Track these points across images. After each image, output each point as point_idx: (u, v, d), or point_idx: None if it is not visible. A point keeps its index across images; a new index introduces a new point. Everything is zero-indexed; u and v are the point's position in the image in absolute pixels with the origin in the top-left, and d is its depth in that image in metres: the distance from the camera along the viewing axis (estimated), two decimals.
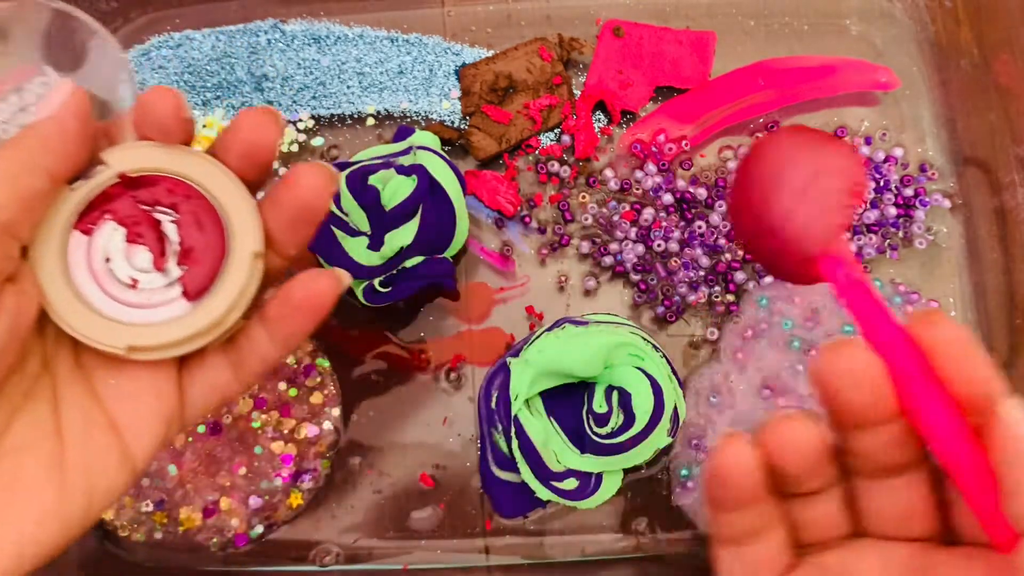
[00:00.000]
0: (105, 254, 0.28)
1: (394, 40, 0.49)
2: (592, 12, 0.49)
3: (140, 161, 0.28)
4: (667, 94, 0.49)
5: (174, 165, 0.28)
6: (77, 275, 0.28)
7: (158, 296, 0.28)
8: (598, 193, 0.47)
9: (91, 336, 0.27)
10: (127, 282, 0.28)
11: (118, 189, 0.28)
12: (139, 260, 0.29)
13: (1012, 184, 0.46)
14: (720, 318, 0.46)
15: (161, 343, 0.28)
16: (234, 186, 0.29)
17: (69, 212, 0.28)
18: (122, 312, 0.28)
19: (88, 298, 0.28)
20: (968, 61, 0.48)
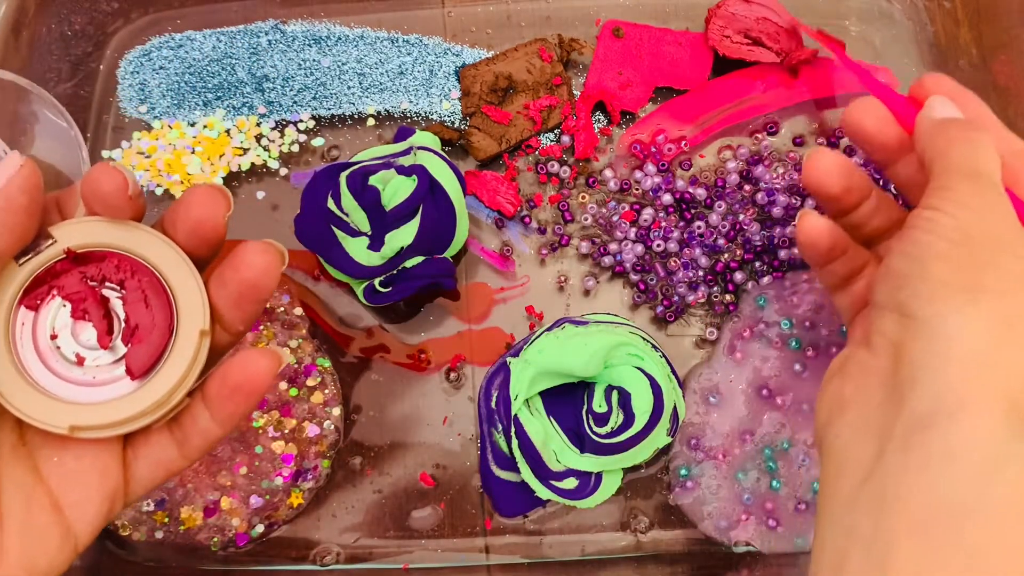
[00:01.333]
0: (51, 330, 0.28)
1: (394, 41, 0.49)
2: (592, 13, 0.49)
3: (88, 236, 0.28)
4: (666, 94, 0.49)
5: (122, 241, 0.28)
6: (22, 351, 0.28)
7: (103, 373, 0.28)
8: (598, 193, 0.48)
9: (33, 415, 0.27)
10: (72, 359, 0.28)
11: (65, 264, 0.28)
12: (86, 337, 0.28)
13: None
14: (719, 318, 0.46)
15: (104, 423, 0.28)
16: (182, 262, 0.28)
17: (15, 287, 0.27)
18: (66, 390, 0.28)
19: (32, 375, 0.28)
20: (967, 62, 0.48)
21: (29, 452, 0.28)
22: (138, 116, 0.48)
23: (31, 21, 0.46)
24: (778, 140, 0.48)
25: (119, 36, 0.50)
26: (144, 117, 0.48)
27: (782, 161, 0.48)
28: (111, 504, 0.29)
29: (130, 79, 0.49)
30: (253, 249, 0.29)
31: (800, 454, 0.44)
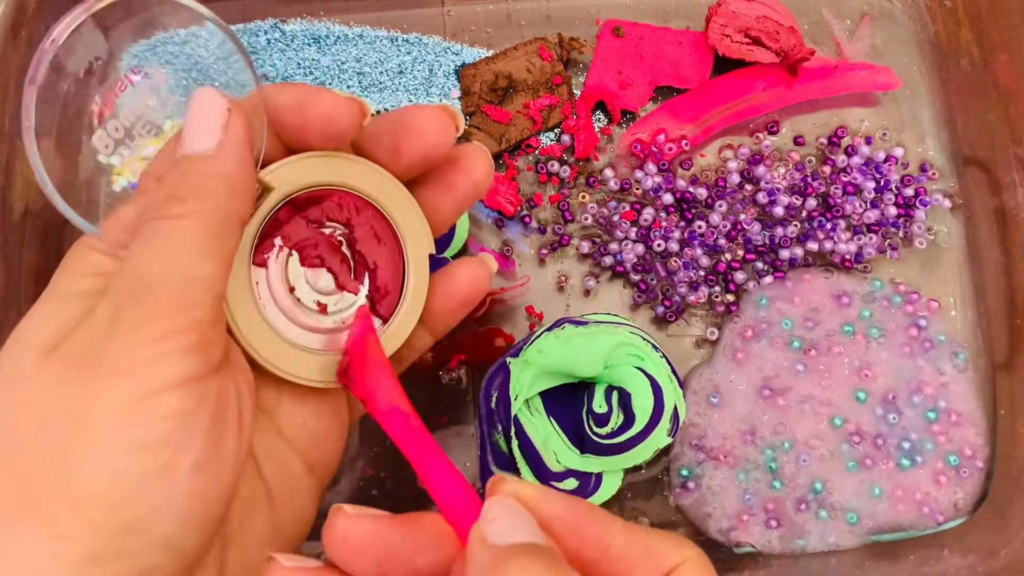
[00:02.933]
0: (288, 284, 0.26)
1: (394, 40, 0.49)
2: (592, 12, 0.49)
3: (302, 178, 0.26)
4: (667, 94, 0.48)
5: (337, 176, 0.26)
6: (269, 315, 0.26)
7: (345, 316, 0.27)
8: (598, 193, 0.47)
9: (311, 377, 0.26)
10: (314, 308, 0.27)
11: (286, 211, 0.26)
12: (324, 283, 0.27)
13: (1012, 184, 0.46)
14: (720, 318, 0.46)
15: None
16: (397, 188, 0.27)
17: (246, 248, 0.26)
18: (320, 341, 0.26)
19: (285, 335, 0.26)
20: (968, 61, 0.48)
21: (270, 418, 0.27)
22: None
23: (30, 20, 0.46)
24: (779, 139, 0.48)
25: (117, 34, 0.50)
26: None
27: (783, 161, 0.47)
28: (345, 440, 0.28)
29: None
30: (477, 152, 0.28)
31: (801, 454, 0.44)
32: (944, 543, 0.44)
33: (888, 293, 0.46)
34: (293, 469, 0.26)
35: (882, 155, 0.47)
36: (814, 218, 0.46)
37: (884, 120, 0.48)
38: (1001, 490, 0.44)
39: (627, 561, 0.21)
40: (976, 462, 0.44)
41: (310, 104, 0.25)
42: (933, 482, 0.44)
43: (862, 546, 0.44)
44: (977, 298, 0.47)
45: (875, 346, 0.45)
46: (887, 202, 0.47)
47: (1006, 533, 0.43)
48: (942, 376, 0.45)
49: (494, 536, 0.21)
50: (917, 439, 0.44)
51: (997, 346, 0.46)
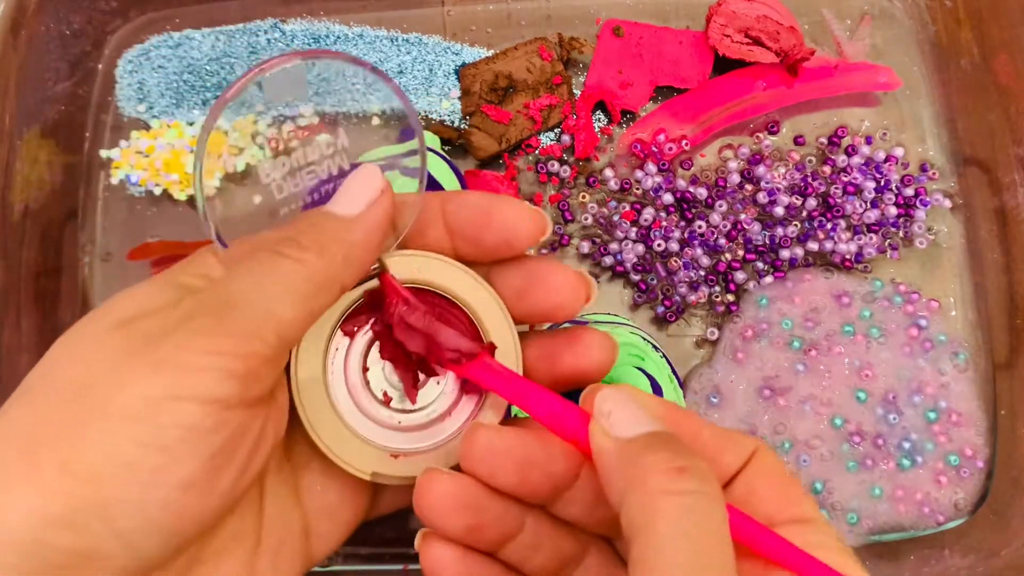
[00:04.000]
0: (364, 363, 0.26)
1: (394, 40, 0.49)
2: (592, 12, 0.49)
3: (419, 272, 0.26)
4: (667, 94, 0.48)
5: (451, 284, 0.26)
6: (332, 380, 0.26)
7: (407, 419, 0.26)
8: (598, 193, 0.47)
9: (340, 456, 0.25)
10: (380, 397, 0.26)
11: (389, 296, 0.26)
12: (397, 377, 0.26)
13: (1012, 184, 0.46)
14: (720, 318, 0.46)
15: (405, 475, 0.26)
16: (502, 314, 0.27)
17: (339, 311, 0.26)
18: (373, 433, 0.26)
19: (341, 410, 0.26)
20: (968, 61, 0.48)
21: (292, 471, 0.27)
22: (137, 115, 0.48)
23: (29, 20, 0.46)
24: (779, 139, 0.48)
25: (118, 35, 0.50)
26: (143, 116, 0.48)
27: (783, 160, 0.47)
28: (349, 533, 0.28)
29: (128, 78, 0.49)
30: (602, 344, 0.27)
31: (801, 454, 0.44)
32: (945, 543, 0.44)
33: (888, 293, 0.46)
34: (292, 527, 0.26)
35: (882, 155, 0.47)
36: (814, 218, 0.46)
37: (884, 120, 0.48)
38: (1001, 490, 0.44)
39: (715, 448, 0.24)
40: (976, 462, 0.44)
41: (497, 208, 0.26)
42: (933, 482, 0.44)
43: (863, 546, 0.44)
44: (977, 298, 0.47)
45: (875, 346, 0.45)
46: (887, 202, 0.47)
47: (1006, 533, 0.43)
48: (942, 376, 0.45)
49: (617, 429, 0.22)
50: (917, 439, 0.44)
51: (997, 346, 0.46)
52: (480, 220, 0.26)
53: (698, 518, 0.19)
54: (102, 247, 0.47)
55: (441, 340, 0.26)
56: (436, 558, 0.25)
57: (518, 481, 0.24)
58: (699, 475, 0.20)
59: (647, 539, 0.19)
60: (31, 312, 0.44)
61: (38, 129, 0.45)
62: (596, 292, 0.27)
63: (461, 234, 0.27)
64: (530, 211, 0.26)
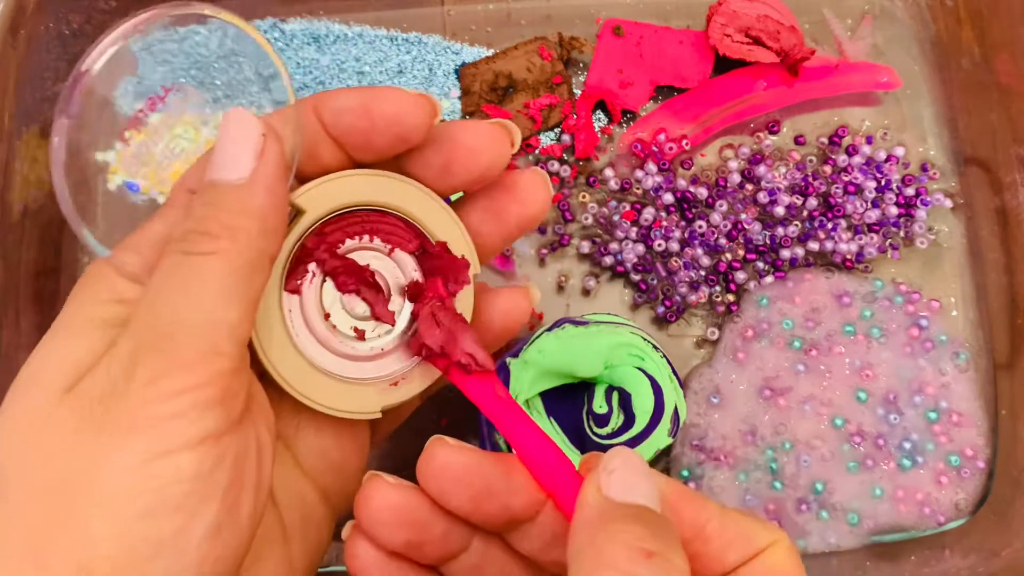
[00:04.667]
0: (324, 310, 0.25)
1: (393, 39, 0.49)
2: (592, 11, 0.49)
3: (338, 198, 0.24)
4: (667, 93, 0.48)
5: (378, 196, 0.25)
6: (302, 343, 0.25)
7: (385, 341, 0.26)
8: (598, 193, 0.47)
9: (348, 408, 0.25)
10: (351, 335, 0.26)
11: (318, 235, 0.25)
12: (360, 308, 0.26)
13: (1013, 184, 0.46)
14: (720, 318, 0.46)
15: (408, 394, 0.25)
16: (439, 207, 0.26)
17: (277, 275, 0.24)
18: (361, 370, 0.25)
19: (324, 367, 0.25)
20: (969, 60, 0.48)
21: (285, 446, 0.26)
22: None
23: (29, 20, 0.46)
24: (780, 139, 0.48)
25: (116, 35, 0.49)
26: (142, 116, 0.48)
27: (784, 160, 0.47)
28: (364, 470, 0.26)
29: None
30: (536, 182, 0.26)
31: (802, 455, 0.44)
32: (945, 544, 0.44)
33: (889, 293, 0.46)
34: (308, 499, 0.25)
35: (883, 155, 0.47)
36: (815, 218, 0.46)
37: (885, 119, 0.48)
38: (1002, 490, 0.44)
39: (720, 541, 0.22)
40: (977, 462, 0.44)
41: (376, 104, 0.24)
42: (934, 482, 0.44)
43: (863, 547, 0.44)
44: (978, 298, 0.47)
45: (876, 346, 0.45)
46: (888, 202, 0.46)
47: (1007, 533, 0.43)
48: (943, 376, 0.45)
49: (610, 489, 0.20)
50: (918, 439, 0.44)
51: (998, 346, 0.46)
52: (363, 124, 0.23)
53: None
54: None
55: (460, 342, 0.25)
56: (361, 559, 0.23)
57: (472, 507, 0.22)
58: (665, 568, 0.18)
59: None
60: (30, 312, 0.44)
61: (37, 129, 0.45)
62: (518, 136, 0.26)
63: (351, 144, 0.24)
64: (412, 96, 0.23)
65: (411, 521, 0.23)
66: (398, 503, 0.23)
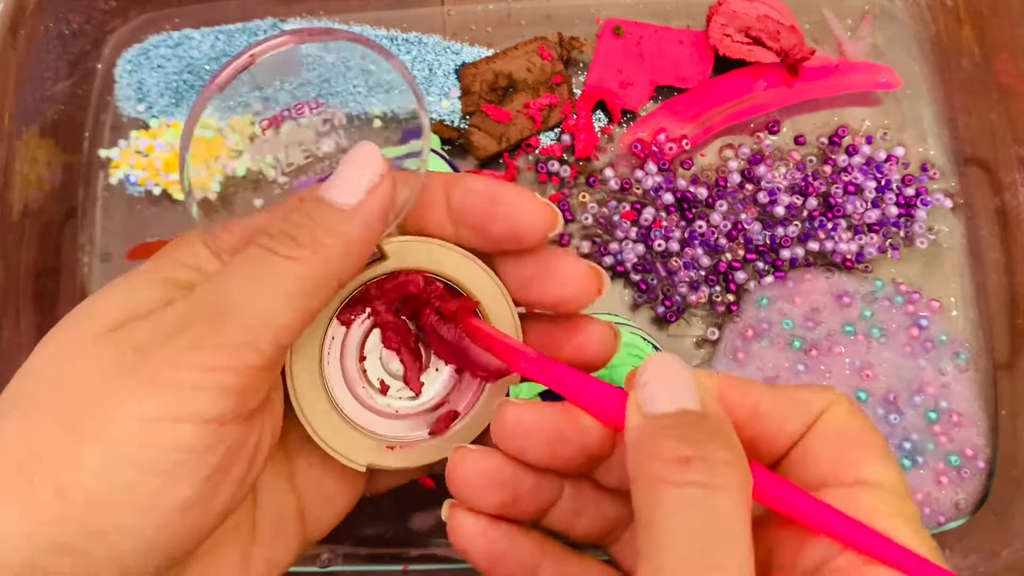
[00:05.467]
0: (361, 352, 0.26)
1: (393, 39, 0.49)
2: (592, 11, 0.49)
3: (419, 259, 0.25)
4: (667, 93, 0.48)
5: (451, 270, 0.25)
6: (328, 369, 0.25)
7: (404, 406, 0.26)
8: (598, 193, 0.47)
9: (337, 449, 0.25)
10: (377, 386, 0.26)
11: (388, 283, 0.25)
12: (395, 365, 0.26)
13: (1013, 184, 0.46)
14: (720, 318, 0.46)
15: (399, 467, 0.26)
16: (504, 301, 0.26)
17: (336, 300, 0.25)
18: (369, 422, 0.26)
19: (337, 400, 0.25)
20: (969, 60, 0.48)
21: (287, 458, 0.26)
22: (136, 115, 0.48)
23: (29, 20, 0.46)
24: (780, 139, 0.48)
25: (117, 35, 0.49)
26: (142, 116, 0.48)
27: (784, 160, 0.47)
28: (344, 515, 0.28)
29: (128, 78, 0.49)
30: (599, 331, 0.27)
31: None
32: (945, 543, 0.44)
33: (889, 293, 0.46)
34: (286, 513, 0.26)
35: (883, 155, 0.47)
36: (815, 218, 0.46)
37: (885, 119, 0.48)
38: (1002, 490, 0.44)
39: (776, 416, 0.22)
40: (977, 462, 0.44)
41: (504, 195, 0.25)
42: (934, 482, 0.44)
43: None
44: (978, 298, 0.47)
45: (876, 346, 0.45)
46: (888, 202, 0.46)
47: (1007, 533, 0.43)
48: (943, 376, 0.45)
49: (650, 403, 0.20)
50: (918, 439, 0.44)
51: (998, 346, 0.46)
52: (485, 209, 0.25)
53: (700, 512, 0.18)
54: (101, 247, 0.47)
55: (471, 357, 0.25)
56: (464, 529, 0.24)
57: (550, 455, 0.23)
58: (706, 466, 0.19)
59: (648, 532, 0.18)
60: (30, 311, 0.44)
61: (37, 129, 0.45)
62: (608, 286, 0.26)
63: (465, 222, 0.25)
64: (539, 204, 0.25)
65: (501, 481, 0.23)
66: (485, 467, 0.23)
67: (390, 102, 0.48)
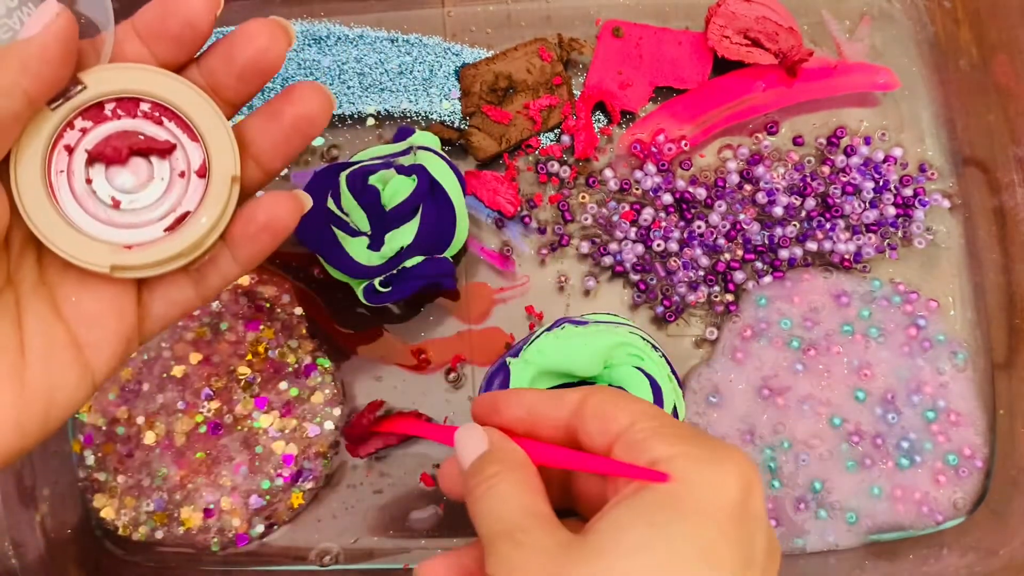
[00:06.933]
0: (86, 175, 0.29)
1: (394, 40, 0.49)
2: (592, 12, 0.49)
3: (118, 83, 0.28)
4: (667, 94, 0.49)
5: (151, 87, 0.29)
6: (60, 195, 0.28)
7: (139, 216, 0.29)
8: (598, 193, 0.48)
9: (75, 255, 0.28)
10: (108, 202, 0.29)
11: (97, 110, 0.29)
12: (120, 181, 0.29)
13: (1011, 184, 0.46)
14: (719, 318, 0.46)
15: (142, 263, 0.28)
16: (210, 108, 0.29)
17: (48, 132, 0.28)
18: (104, 231, 0.29)
19: (71, 217, 0.28)
20: (967, 61, 0.48)
21: (49, 291, 0.29)
22: None
23: None
24: (778, 140, 0.48)
25: None
26: None
27: (782, 161, 0.48)
28: (127, 344, 0.30)
29: None
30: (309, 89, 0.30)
31: (800, 454, 0.44)
32: (943, 542, 0.44)
33: (887, 293, 0.46)
34: (57, 338, 0.28)
35: (881, 155, 0.47)
36: (813, 218, 0.46)
37: (883, 120, 0.49)
38: (1000, 489, 0.44)
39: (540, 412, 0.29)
40: (975, 461, 0.44)
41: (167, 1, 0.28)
42: (932, 481, 0.44)
43: (861, 545, 0.44)
44: (976, 298, 0.47)
45: (874, 346, 0.45)
46: (886, 202, 0.47)
47: (1005, 532, 0.43)
48: (941, 376, 0.45)
49: (463, 461, 0.28)
50: (916, 439, 0.44)
51: (996, 346, 0.46)
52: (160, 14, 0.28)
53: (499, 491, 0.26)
54: None
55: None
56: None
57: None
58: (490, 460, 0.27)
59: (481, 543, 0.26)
60: None
61: None
62: (293, 34, 0.29)
63: (150, 34, 0.28)
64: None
65: None
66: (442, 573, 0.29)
67: (383, 101, 0.48)
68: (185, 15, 0.28)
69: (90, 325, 0.29)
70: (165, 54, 0.29)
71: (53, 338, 0.28)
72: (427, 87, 0.48)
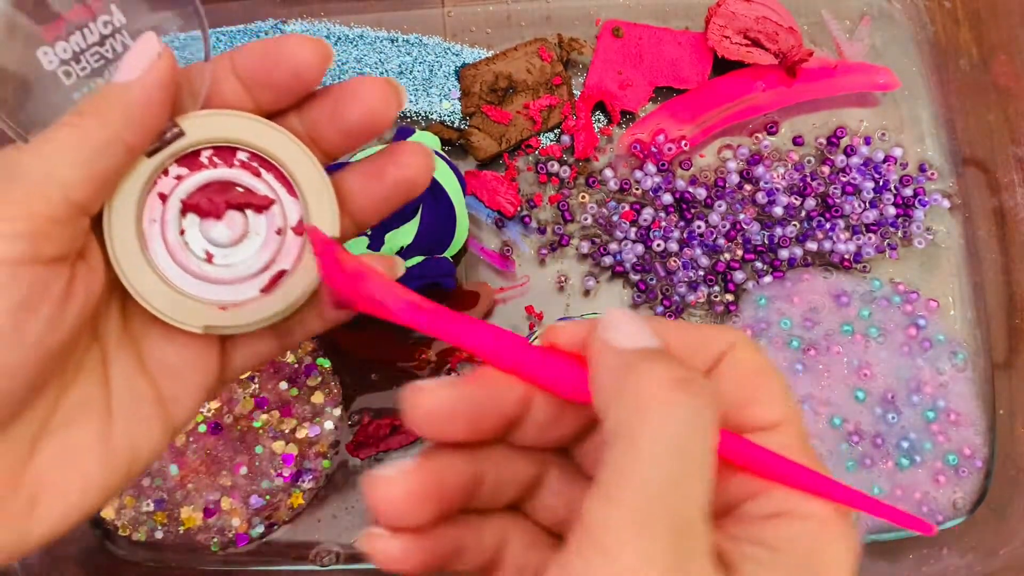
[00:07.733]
0: (180, 226, 0.27)
1: (394, 40, 0.49)
2: (592, 12, 0.49)
3: (216, 130, 0.27)
4: (666, 94, 0.49)
5: (250, 136, 0.27)
6: (152, 245, 0.27)
7: (233, 272, 0.28)
8: (598, 193, 0.48)
9: (168, 314, 0.27)
10: (202, 256, 0.28)
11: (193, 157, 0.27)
12: (216, 234, 0.28)
13: (1011, 184, 0.46)
14: (719, 318, 0.46)
15: (236, 324, 0.27)
16: (311, 163, 0.28)
17: (144, 179, 0.26)
18: (198, 288, 0.27)
19: (163, 271, 0.27)
20: (967, 61, 0.48)
21: (133, 342, 0.28)
22: None
23: None
24: (778, 140, 0.48)
25: None
26: None
27: (782, 161, 0.48)
28: (207, 394, 0.29)
29: None
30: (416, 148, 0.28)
31: None
32: (943, 542, 0.44)
33: (887, 293, 0.46)
34: (142, 393, 0.28)
35: (881, 155, 0.47)
36: (813, 218, 0.46)
37: (883, 120, 0.49)
38: (1000, 489, 0.44)
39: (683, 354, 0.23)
40: (975, 461, 0.44)
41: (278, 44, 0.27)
42: (932, 481, 0.44)
43: (861, 545, 0.44)
44: (976, 298, 0.47)
45: (874, 346, 0.45)
46: (886, 202, 0.47)
47: (1005, 532, 0.43)
48: (941, 376, 0.45)
49: (620, 340, 0.21)
50: (916, 439, 0.44)
51: (996, 346, 0.46)
52: (265, 62, 0.27)
53: (689, 432, 0.19)
54: None
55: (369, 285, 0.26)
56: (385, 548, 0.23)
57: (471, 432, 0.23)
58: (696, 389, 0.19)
59: (629, 444, 0.19)
60: None
61: None
62: (405, 96, 0.28)
63: (252, 80, 0.27)
64: (311, 41, 0.27)
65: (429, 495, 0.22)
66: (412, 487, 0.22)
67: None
68: (293, 66, 0.26)
69: (174, 378, 0.28)
70: (266, 101, 0.27)
71: (138, 394, 0.27)
72: (427, 87, 0.48)
